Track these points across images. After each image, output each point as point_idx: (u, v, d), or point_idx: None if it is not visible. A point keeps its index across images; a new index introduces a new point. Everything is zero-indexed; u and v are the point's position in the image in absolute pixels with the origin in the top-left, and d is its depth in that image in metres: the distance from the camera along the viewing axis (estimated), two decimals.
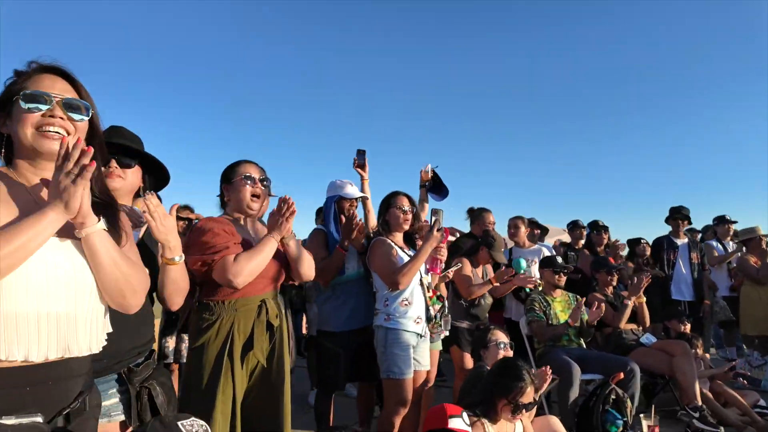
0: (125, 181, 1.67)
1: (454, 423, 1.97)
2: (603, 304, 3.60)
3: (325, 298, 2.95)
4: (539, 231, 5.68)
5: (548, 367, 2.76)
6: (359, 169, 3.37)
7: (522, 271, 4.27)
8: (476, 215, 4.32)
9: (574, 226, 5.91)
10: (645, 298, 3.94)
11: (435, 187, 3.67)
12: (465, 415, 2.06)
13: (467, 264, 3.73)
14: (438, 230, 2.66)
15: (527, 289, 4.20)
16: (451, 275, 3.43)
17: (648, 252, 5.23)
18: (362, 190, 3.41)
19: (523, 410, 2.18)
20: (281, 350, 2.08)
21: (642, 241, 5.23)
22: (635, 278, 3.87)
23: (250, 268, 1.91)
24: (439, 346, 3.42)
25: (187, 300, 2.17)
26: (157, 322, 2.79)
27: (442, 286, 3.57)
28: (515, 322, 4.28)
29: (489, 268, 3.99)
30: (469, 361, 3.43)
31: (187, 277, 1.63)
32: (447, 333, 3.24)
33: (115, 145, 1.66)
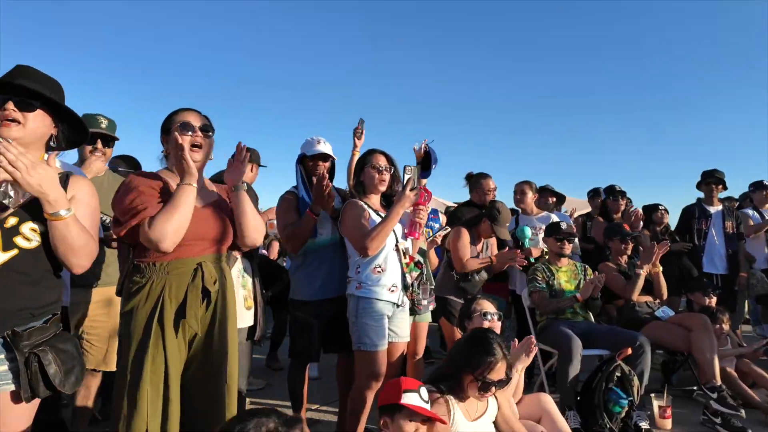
0: (24, 128, 1.49)
1: (408, 398, 1.76)
2: (602, 276, 3.27)
3: (297, 265, 2.76)
4: (555, 199, 5.28)
5: (532, 336, 2.49)
6: (356, 138, 3.21)
7: (527, 240, 3.97)
8: (475, 182, 4.00)
9: (594, 194, 5.51)
10: (661, 268, 3.56)
11: (425, 163, 3.42)
12: (423, 390, 1.83)
13: (464, 234, 3.45)
14: (411, 189, 2.40)
15: (532, 259, 3.90)
16: (439, 240, 3.17)
17: (666, 220, 4.77)
18: (351, 159, 3.22)
19: (493, 388, 1.93)
20: (223, 320, 1.89)
21: (660, 207, 4.76)
22: (648, 245, 3.49)
23: (173, 227, 1.71)
24: (428, 318, 3.21)
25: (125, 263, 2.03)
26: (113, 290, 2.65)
27: (432, 253, 3.32)
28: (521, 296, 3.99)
29: (492, 242, 3.69)
30: (459, 335, 3.19)
31: (83, 235, 1.44)
32: (429, 304, 3.01)
33: (16, 87, 1.49)
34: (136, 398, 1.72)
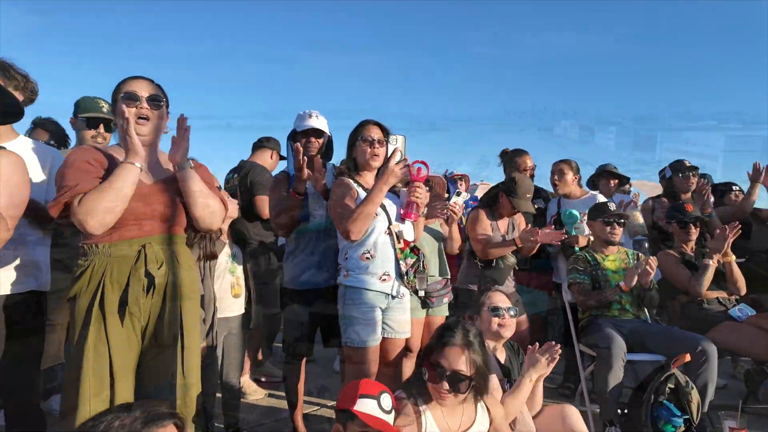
0: None
1: (362, 405, 1.47)
2: (650, 264, 2.71)
3: (290, 251, 2.56)
4: (616, 181, 4.61)
5: (558, 345, 2.04)
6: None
7: (575, 225, 3.47)
8: (509, 159, 3.55)
9: (665, 174, 4.75)
10: (734, 257, 2.89)
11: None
12: (385, 397, 1.53)
13: (483, 217, 3.06)
14: (397, 162, 2.09)
15: (577, 248, 3.39)
16: (458, 213, 2.81)
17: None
18: None
19: (446, 384, 1.59)
20: (175, 307, 1.73)
21: (734, 188, 3.95)
22: (717, 230, 2.85)
23: (104, 206, 1.57)
24: (443, 312, 2.88)
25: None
26: None
27: (455, 231, 2.97)
28: None
29: (519, 219, 3.25)
30: None
31: None
32: (444, 296, 2.68)
33: None
34: (78, 392, 1.60)
